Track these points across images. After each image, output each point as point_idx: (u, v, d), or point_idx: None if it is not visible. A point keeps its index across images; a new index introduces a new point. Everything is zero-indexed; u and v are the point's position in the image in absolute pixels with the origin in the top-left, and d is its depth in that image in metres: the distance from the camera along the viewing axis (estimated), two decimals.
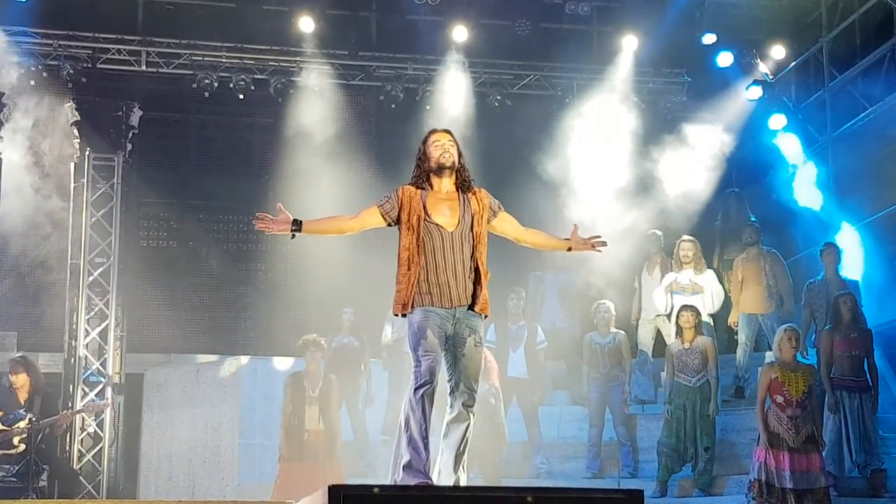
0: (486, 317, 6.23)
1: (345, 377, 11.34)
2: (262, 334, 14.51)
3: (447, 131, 6.37)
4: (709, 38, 14.02)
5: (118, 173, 13.27)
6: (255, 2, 13.96)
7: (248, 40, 13.90)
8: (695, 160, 13.56)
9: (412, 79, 14.29)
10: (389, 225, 6.25)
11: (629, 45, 14.19)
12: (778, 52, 14.06)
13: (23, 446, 10.38)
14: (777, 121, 13.78)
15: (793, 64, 14.19)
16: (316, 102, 13.92)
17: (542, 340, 11.89)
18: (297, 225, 6.17)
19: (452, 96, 14.05)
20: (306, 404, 10.28)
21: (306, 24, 13.73)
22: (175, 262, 14.66)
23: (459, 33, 13.95)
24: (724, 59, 13.98)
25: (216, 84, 13.76)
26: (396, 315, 6.23)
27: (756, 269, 11.89)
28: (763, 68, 14.01)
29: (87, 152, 13.20)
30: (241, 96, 13.98)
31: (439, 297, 6.08)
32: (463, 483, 6.11)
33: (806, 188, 13.44)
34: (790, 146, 13.75)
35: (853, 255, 12.53)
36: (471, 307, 6.13)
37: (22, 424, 10.43)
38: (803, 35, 14.23)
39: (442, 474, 6.08)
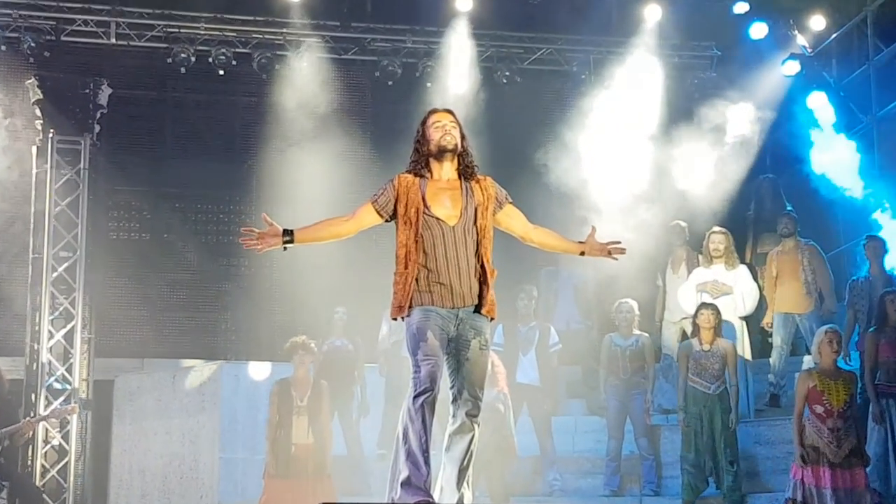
0: (492, 319, 6.24)
1: (337, 384, 11.34)
2: (245, 337, 14.52)
3: (449, 111, 6.38)
4: (740, 7, 13.98)
5: (85, 158, 13.27)
6: None
7: (229, 10, 13.92)
8: (724, 143, 13.54)
9: (411, 53, 14.29)
10: (387, 220, 6.27)
11: (652, 14, 14.17)
12: (817, 22, 14.03)
13: None
14: (816, 99, 13.75)
15: (834, 36, 14.15)
16: (304, 79, 13.92)
17: (555, 343, 11.89)
18: (288, 235, 6.17)
19: (456, 72, 14.04)
20: (294, 414, 10.29)
21: None
22: (148, 257, 14.66)
23: (464, 2, 13.94)
24: (758, 30, 13.95)
25: (194, 59, 13.76)
26: (395, 319, 6.25)
27: (793, 263, 11.89)
28: (801, 41, 13.98)
29: (51, 134, 13.20)
30: (222, 72, 13.98)
31: (440, 296, 6.09)
32: (468, 501, 6.13)
33: (848, 174, 13.41)
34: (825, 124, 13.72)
35: None
36: (476, 309, 6.14)
37: None
38: (846, 4, 14.19)
39: (444, 492, 6.09)
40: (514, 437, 10.71)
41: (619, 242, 6.53)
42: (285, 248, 6.25)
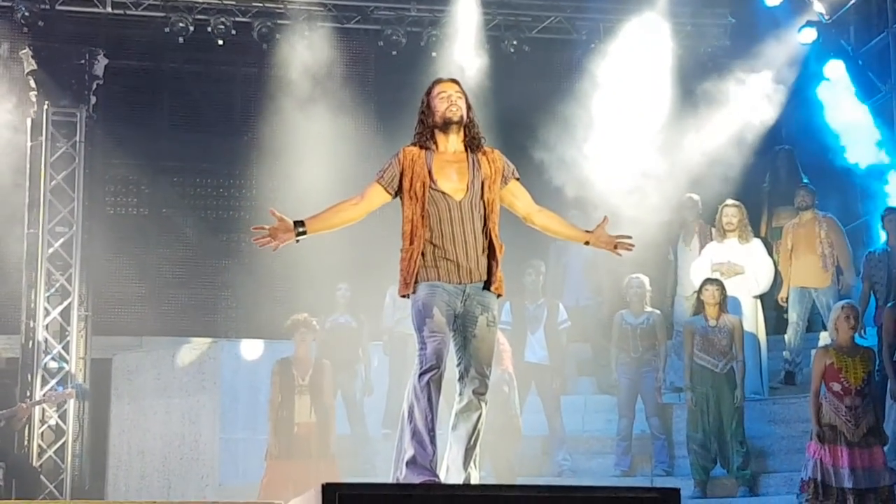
0: (500, 296, 6.24)
1: (340, 362, 11.36)
2: (245, 314, 14.53)
3: (454, 81, 6.38)
4: None
5: (81, 130, 13.25)
6: None
7: None
8: (739, 113, 13.50)
9: (416, 21, 14.24)
10: (395, 196, 6.28)
11: None
12: None
13: None
14: (833, 67, 13.70)
15: (852, 2, 14.06)
16: (306, 49, 13.87)
17: (564, 320, 11.89)
18: (300, 227, 6.15)
19: (462, 41, 14.00)
20: (296, 393, 10.31)
21: None
22: (147, 232, 14.67)
23: None
24: None
25: (192, 28, 13.71)
26: (404, 296, 6.25)
27: (810, 236, 11.87)
28: (818, 7, 13.90)
29: (46, 106, 13.17)
30: (221, 42, 13.93)
31: (447, 271, 6.10)
32: (474, 481, 6.14)
33: (867, 144, 13.38)
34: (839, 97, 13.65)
35: None
36: (486, 286, 6.15)
37: None
38: None
39: (450, 471, 6.11)
40: (520, 417, 10.74)
41: (629, 237, 6.48)
42: (298, 241, 6.24)
